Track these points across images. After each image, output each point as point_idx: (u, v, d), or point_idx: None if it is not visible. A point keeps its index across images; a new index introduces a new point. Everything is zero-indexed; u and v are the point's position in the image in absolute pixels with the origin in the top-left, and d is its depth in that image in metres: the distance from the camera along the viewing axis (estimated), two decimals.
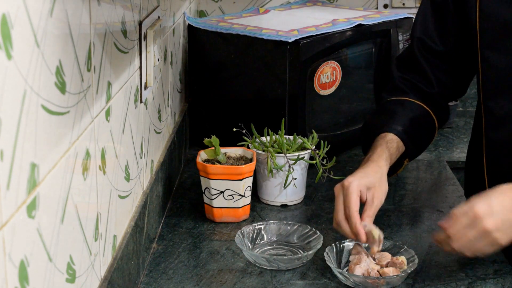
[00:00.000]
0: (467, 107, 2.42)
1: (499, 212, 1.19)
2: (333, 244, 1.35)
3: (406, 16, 2.05)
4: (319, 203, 1.66)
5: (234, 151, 1.63)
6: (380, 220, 1.56)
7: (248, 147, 1.66)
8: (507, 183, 1.23)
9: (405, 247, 1.36)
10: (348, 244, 1.37)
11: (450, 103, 2.20)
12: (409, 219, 1.60)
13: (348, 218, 1.32)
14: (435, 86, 1.56)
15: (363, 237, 1.29)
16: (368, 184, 1.35)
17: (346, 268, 1.32)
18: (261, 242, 1.45)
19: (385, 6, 2.35)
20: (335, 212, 1.34)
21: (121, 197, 1.21)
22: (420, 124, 1.56)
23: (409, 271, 1.29)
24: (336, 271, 1.29)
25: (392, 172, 1.53)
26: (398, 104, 1.57)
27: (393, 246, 1.37)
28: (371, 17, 2.01)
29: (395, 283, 1.28)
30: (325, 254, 1.32)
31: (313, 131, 1.70)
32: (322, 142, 1.65)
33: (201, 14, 2.32)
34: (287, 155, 1.61)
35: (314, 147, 1.64)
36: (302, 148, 1.66)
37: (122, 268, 1.17)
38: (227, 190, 1.53)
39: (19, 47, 0.70)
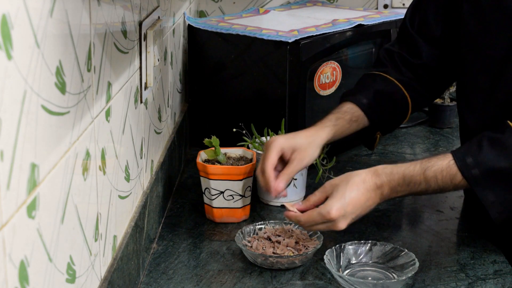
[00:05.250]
0: None
1: (351, 212, 1.29)
2: (333, 247, 1.35)
3: None
4: None
5: (234, 151, 1.63)
6: (380, 220, 1.56)
7: (248, 147, 1.66)
8: (357, 171, 1.32)
9: (406, 250, 1.35)
10: (349, 248, 1.37)
11: (450, 103, 2.20)
12: (409, 219, 1.60)
13: (263, 172, 1.41)
14: (423, 57, 1.56)
15: (273, 192, 1.40)
16: (293, 145, 1.44)
17: (347, 271, 1.33)
18: None
19: (385, 6, 2.35)
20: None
21: (121, 197, 1.21)
22: (387, 98, 1.57)
23: (410, 275, 1.28)
24: (336, 274, 1.29)
25: (369, 146, 1.65)
26: (369, 77, 1.61)
27: (393, 249, 1.37)
28: (371, 17, 2.01)
29: (395, 287, 1.28)
30: (325, 257, 1.32)
31: None
32: None
33: (201, 14, 2.32)
34: None
35: None
36: None
37: (122, 268, 1.17)
38: (227, 190, 1.53)
39: (19, 47, 0.70)
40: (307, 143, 1.44)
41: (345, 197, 1.28)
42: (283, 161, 1.45)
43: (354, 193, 1.28)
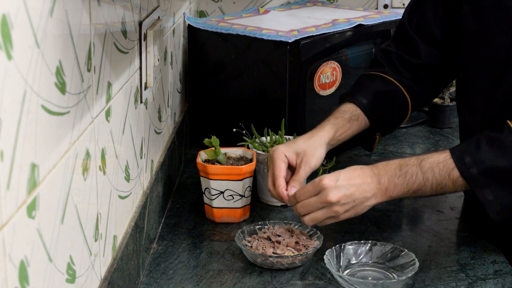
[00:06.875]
0: None
1: (343, 187, 1.28)
2: (333, 247, 1.35)
3: None
4: None
5: (234, 151, 1.63)
6: (380, 220, 1.56)
7: (248, 147, 1.66)
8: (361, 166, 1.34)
9: (406, 250, 1.35)
10: (349, 248, 1.37)
11: (450, 103, 2.20)
12: (409, 219, 1.60)
13: (274, 184, 1.40)
14: (422, 57, 1.56)
15: (285, 199, 1.37)
16: (295, 150, 1.43)
17: (347, 271, 1.32)
18: None
19: (385, 6, 2.35)
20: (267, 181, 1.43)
21: (121, 197, 1.21)
22: (386, 98, 1.58)
23: (410, 275, 1.28)
24: (336, 274, 1.29)
25: (368, 148, 1.65)
26: (368, 77, 1.61)
27: (393, 250, 1.37)
28: (371, 17, 2.01)
29: (395, 287, 1.28)
30: (325, 257, 1.32)
31: None
32: None
33: (201, 14, 2.32)
34: None
35: None
36: None
37: (122, 269, 1.17)
38: (227, 190, 1.53)
39: (19, 47, 0.70)
40: (309, 145, 1.44)
41: (340, 172, 1.30)
42: (290, 169, 1.44)
43: (350, 171, 1.31)
